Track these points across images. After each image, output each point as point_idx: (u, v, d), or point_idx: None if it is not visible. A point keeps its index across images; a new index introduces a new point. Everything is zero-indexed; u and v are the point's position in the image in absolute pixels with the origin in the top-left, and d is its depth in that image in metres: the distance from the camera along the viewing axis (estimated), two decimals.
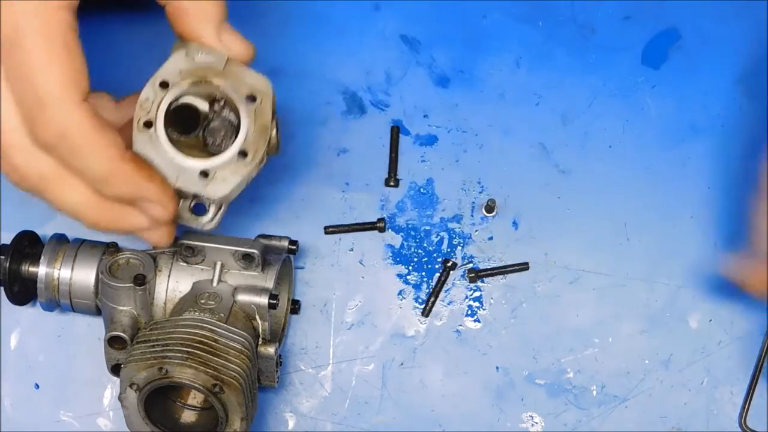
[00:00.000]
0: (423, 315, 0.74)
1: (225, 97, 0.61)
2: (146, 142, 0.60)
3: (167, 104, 0.61)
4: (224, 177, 0.61)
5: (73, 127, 0.56)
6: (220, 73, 0.61)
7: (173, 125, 0.61)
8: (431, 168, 0.76)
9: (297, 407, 0.74)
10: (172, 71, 0.61)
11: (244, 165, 0.61)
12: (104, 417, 0.74)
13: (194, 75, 0.61)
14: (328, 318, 0.74)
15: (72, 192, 0.59)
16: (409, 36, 0.77)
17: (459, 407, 0.74)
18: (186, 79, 0.61)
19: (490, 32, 0.77)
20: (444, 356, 0.74)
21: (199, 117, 0.62)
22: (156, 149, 0.60)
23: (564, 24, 0.77)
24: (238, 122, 0.61)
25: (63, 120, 0.55)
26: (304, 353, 0.74)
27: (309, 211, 0.75)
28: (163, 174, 0.60)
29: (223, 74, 0.61)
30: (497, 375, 0.74)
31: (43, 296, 0.70)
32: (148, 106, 0.61)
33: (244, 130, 0.61)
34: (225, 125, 0.62)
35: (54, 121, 0.55)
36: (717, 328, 0.74)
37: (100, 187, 0.58)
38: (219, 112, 0.62)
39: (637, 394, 0.74)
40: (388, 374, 0.74)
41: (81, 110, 0.56)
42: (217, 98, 0.62)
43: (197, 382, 0.62)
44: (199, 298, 0.66)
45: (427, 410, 0.74)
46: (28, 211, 0.74)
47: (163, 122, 0.60)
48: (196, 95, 0.62)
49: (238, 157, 0.61)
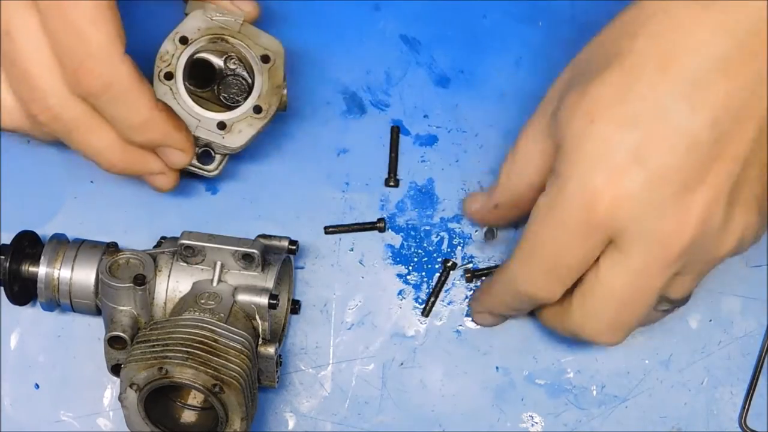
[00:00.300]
0: (423, 315, 0.74)
1: (240, 56, 0.68)
2: (167, 93, 0.67)
3: (186, 58, 0.67)
4: (240, 129, 0.67)
5: (118, 78, 0.60)
6: (236, 33, 0.68)
7: (190, 78, 0.68)
8: (431, 168, 0.76)
9: (297, 407, 0.74)
10: (191, 28, 0.67)
11: (259, 119, 0.67)
12: (104, 417, 0.74)
13: (212, 33, 0.67)
14: (328, 318, 0.74)
15: (100, 136, 0.63)
16: (409, 36, 0.77)
17: (459, 407, 0.74)
18: (204, 36, 0.67)
19: (490, 32, 0.77)
20: (444, 356, 0.74)
21: (215, 72, 0.69)
22: (176, 99, 0.67)
23: (564, 24, 0.77)
24: (251, 79, 0.68)
25: (109, 71, 0.59)
26: (304, 353, 0.74)
27: (309, 211, 0.75)
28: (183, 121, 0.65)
29: (239, 34, 0.68)
30: (497, 375, 0.74)
31: (43, 296, 0.70)
32: (168, 59, 0.67)
33: (258, 87, 0.68)
34: (238, 82, 0.69)
35: (100, 72, 0.59)
36: (717, 328, 0.74)
37: (131, 133, 0.62)
38: (234, 69, 0.69)
39: (637, 394, 0.74)
40: (388, 374, 0.74)
41: (125, 63, 0.60)
42: (233, 56, 0.68)
43: (197, 382, 0.62)
44: (199, 298, 0.66)
45: (427, 410, 0.74)
46: (28, 211, 0.74)
47: (182, 74, 0.67)
48: (213, 52, 0.68)
49: (253, 112, 0.67)
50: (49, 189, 0.75)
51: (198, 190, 0.75)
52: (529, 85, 0.76)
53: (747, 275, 0.75)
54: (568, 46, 0.77)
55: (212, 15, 0.67)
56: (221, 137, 0.67)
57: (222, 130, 0.67)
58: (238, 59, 0.69)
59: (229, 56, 0.68)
